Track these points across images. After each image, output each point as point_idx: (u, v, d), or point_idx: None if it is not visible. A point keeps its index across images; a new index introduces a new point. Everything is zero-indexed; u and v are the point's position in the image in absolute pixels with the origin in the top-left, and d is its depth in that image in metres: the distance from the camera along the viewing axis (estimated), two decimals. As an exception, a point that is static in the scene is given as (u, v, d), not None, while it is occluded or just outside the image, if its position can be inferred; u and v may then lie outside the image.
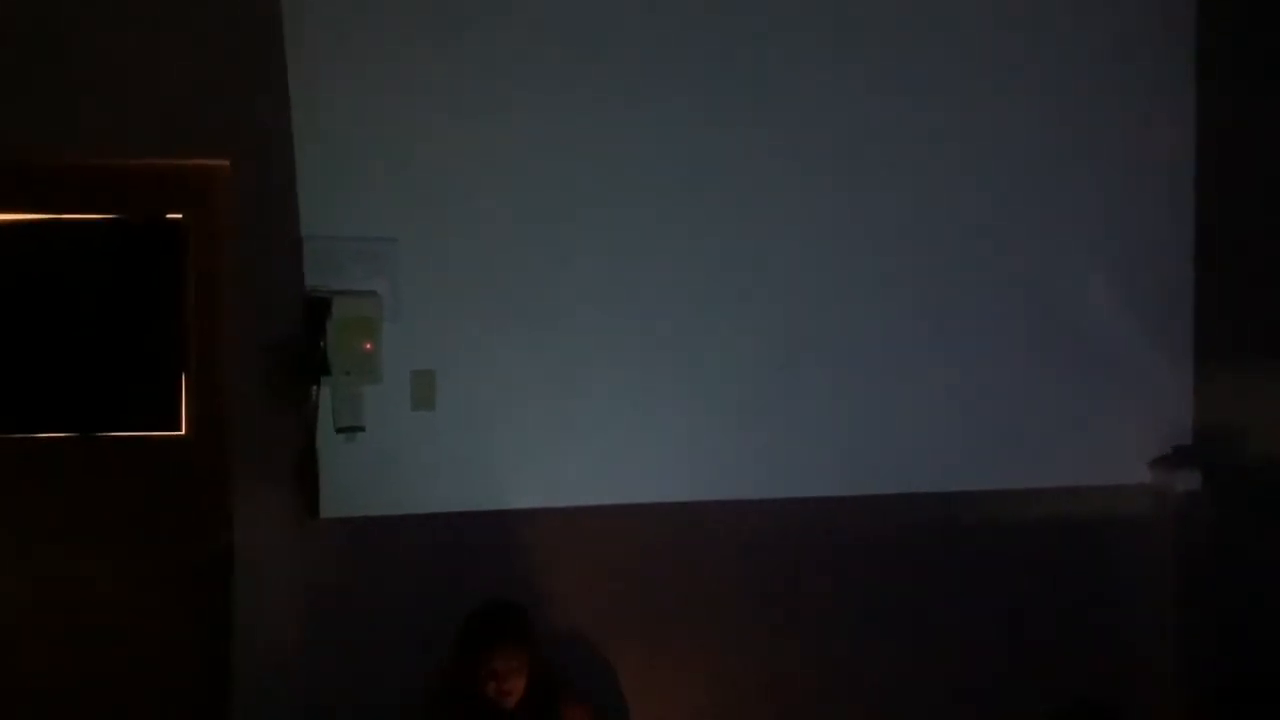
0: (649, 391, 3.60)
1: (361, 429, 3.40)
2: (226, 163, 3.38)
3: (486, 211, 3.51)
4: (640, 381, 3.60)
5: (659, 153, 3.60)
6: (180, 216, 3.52)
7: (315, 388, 3.36)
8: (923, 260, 3.76)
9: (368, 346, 3.37)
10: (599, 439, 3.58)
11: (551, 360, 3.56)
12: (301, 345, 3.35)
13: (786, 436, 3.68)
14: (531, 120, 3.53)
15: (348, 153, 3.43)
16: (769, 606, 3.69)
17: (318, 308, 3.34)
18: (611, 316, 3.59)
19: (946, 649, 3.79)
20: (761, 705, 3.68)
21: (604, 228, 3.58)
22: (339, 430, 3.38)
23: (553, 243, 3.55)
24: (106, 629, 3.48)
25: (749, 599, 3.68)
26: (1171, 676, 3.86)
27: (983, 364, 3.79)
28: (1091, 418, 3.86)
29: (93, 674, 3.47)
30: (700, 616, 3.64)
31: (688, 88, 3.61)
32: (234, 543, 3.38)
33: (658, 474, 3.61)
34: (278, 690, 3.38)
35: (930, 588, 3.78)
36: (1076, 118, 3.84)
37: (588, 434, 3.57)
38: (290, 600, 3.40)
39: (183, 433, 3.54)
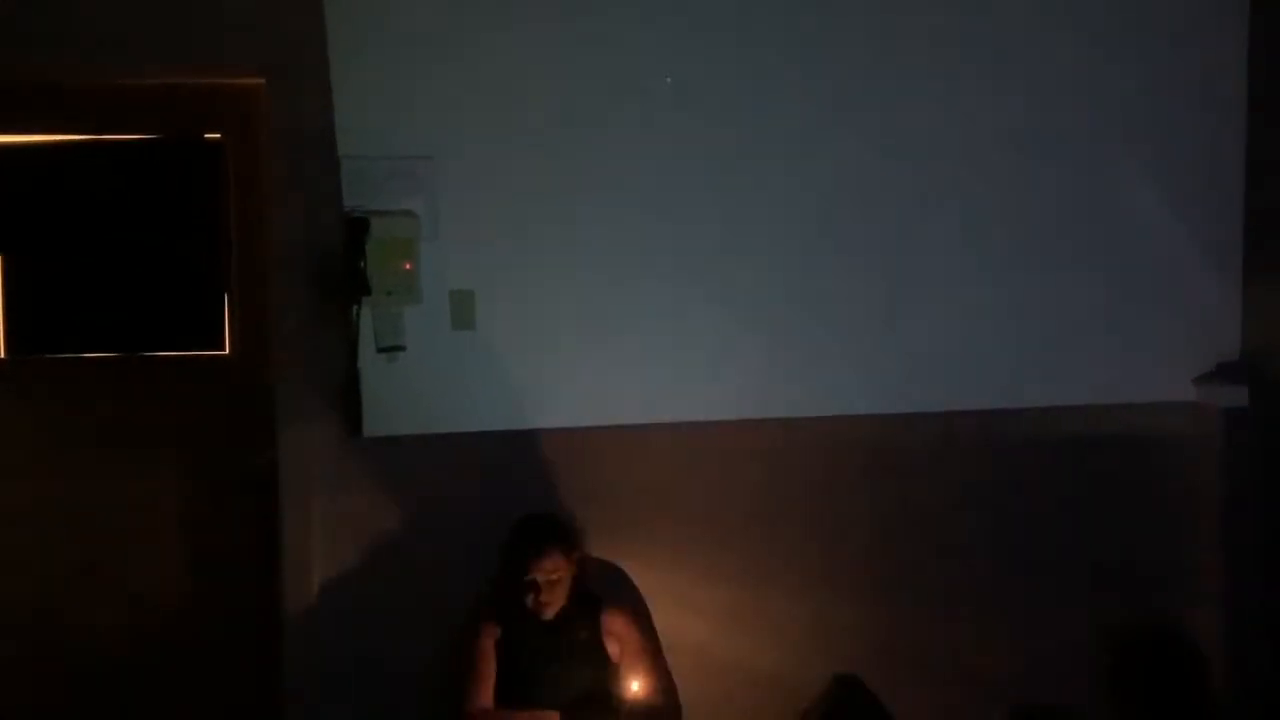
0: (687, 310, 3.59)
1: (402, 349, 3.42)
2: (262, 82, 3.37)
3: (524, 129, 3.48)
4: (678, 300, 3.58)
5: (698, 67, 3.55)
6: (219, 136, 3.53)
7: (356, 308, 3.37)
8: (965, 173, 3.69)
9: (407, 266, 3.38)
10: (638, 358, 3.57)
11: (590, 279, 3.54)
12: (341, 265, 3.36)
13: (824, 354, 3.65)
14: (571, 37, 3.49)
15: (384, 71, 3.41)
16: (805, 525, 3.69)
17: (356, 228, 3.34)
18: (650, 235, 3.56)
19: (986, 567, 3.78)
20: (792, 625, 3.70)
21: (643, 146, 3.54)
22: (380, 350, 3.40)
23: (591, 160, 3.52)
24: (153, 547, 3.55)
25: (785, 518, 3.68)
26: (1217, 594, 3.85)
27: (1026, 279, 3.74)
28: (1136, 333, 3.80)
29: (140, 589, 3.55)
30: (736, 534, 3.66)
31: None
32: (278, 461, 3.42)
33: (695, 392, 3.60)
34: (322, 604, 3.44)
35: (971, 506, 3.76)
36: (1125, 24, 3.74)
37: (627, 353, 3.57)
38: (333, 517, 3.44)
39: (226, 352, 3.57)
